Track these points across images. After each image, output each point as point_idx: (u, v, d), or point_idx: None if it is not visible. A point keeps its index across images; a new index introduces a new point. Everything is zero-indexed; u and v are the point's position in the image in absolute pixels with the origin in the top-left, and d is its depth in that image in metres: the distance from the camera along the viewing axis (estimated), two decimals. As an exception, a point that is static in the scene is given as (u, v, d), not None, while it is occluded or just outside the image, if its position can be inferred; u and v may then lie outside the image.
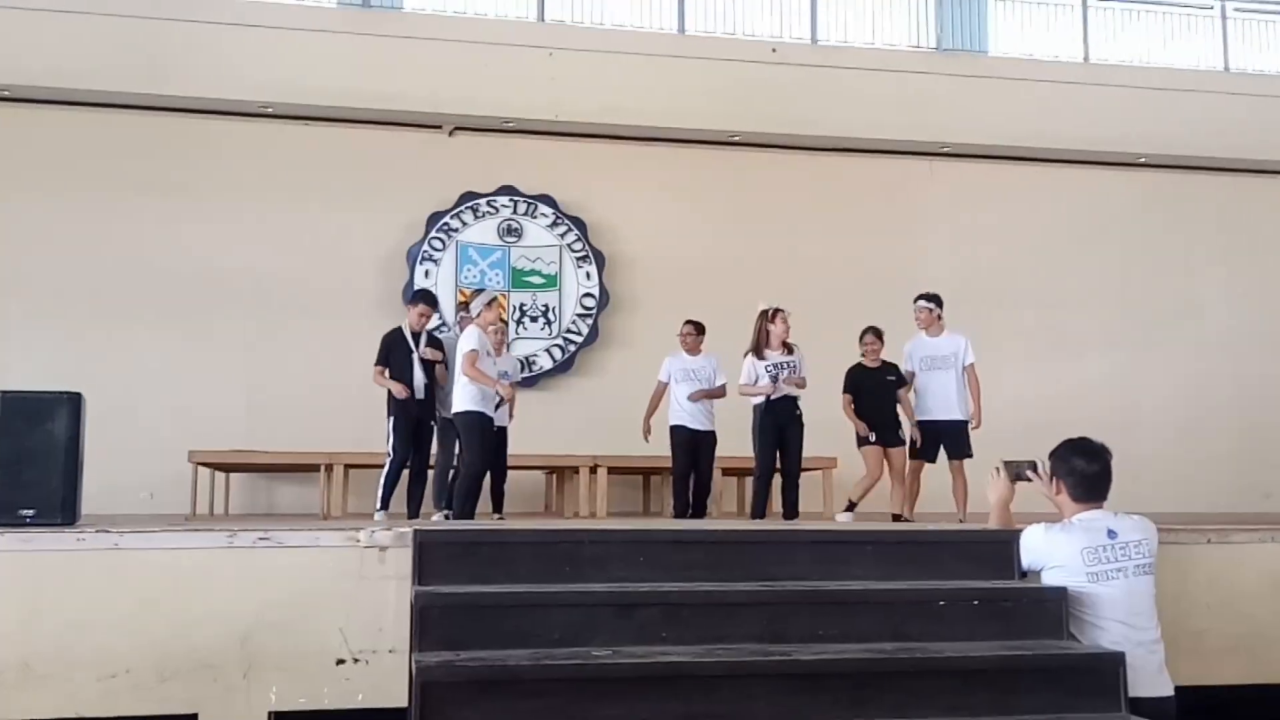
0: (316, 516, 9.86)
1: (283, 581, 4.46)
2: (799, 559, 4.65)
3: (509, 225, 11.97)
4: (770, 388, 8.10)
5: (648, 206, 12.17)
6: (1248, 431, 12.69)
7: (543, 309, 11.92)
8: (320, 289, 11.35)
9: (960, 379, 8.38)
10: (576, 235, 12.04)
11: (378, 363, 8.15)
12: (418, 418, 8.10)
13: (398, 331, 8.28)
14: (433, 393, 8.22)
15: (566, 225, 12.04)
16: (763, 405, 8.17)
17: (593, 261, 12.02)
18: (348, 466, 9.89)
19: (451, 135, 11.98)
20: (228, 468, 10.55)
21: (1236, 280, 13.29)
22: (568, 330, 11.94)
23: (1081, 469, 4.39)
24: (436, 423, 8.28)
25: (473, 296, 8.51)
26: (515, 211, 12.00)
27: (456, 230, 11.84)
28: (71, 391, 5.33)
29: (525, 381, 11.66)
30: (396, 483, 8.05)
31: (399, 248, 11.71)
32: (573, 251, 12.03)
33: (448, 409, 7.96)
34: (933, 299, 8.55)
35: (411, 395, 8.05)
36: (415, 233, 11.75)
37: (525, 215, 12.01)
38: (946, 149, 12.60)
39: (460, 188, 11.88)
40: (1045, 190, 12.94)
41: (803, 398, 8.27)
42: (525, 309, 11.90)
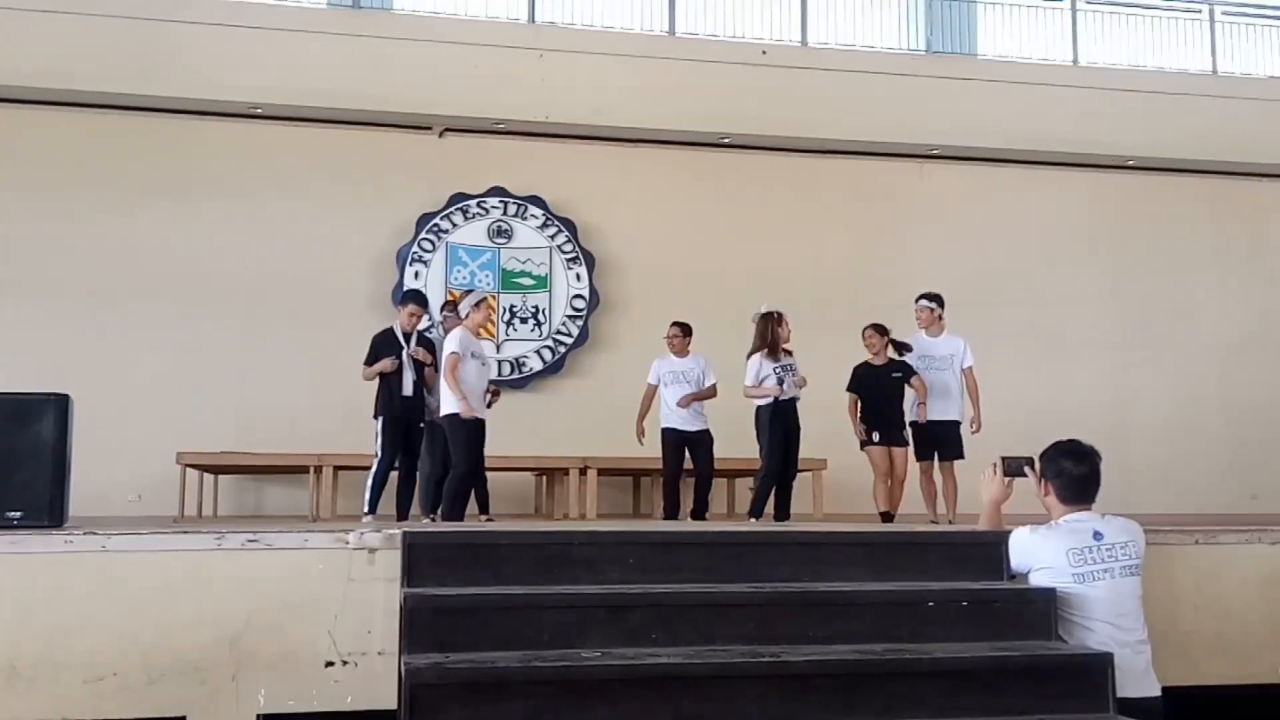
0: (305, 518, 9.85)
1: (271, 583, 4.46)
2: (789, 560, 4.66)
3: (499, 227, 11.97)
4: (778, 390, 8.10)
5: (638, 208, 12.18)
6: (1237, 434, 12.75)
7: (533, 310, 11.93)
8: (310, 290, 11.34)
9: (958, 381, 8.39)
10: (567, 236, 12.04)
11: (367, 363, 8.14)
12: (406, 419, 8.08)
13: (389, 332, 8.27)
14: (422, 394, 8.19)
15: (557, 226, 12.05)
16: (772, 407, 8.14)
17: (583, 263, 12.03)
18: (337, 468, 9.87)
19: (441, 136, 11.97)
20: (216, 469, 10.52)
21: (1227, 283, 13.35)
22: (558, 332, 11.94)
23: (1069, 471, 4.42)
24: (425, 425, 8.24)
25: (461, 297, 8.46)
26: (505, 213, 12.00)
27: (446, 231, 11.84)
28: (59, 393, 5.31)
29: (515, 383, 11.68)
30: (384, 485, 8.02)
31: (389, 249, 11.70)
32: (563, 253, 12.04)
33: (436, 412, 7.95)
34: (934, 299, 8.57)
35: (400, 391, 8.01)
36: (405, 234, 11.74)
37: (515, 217, 12.01)
38: (937, 151, 12.64)
39: (450, 189, 11.88)
40: (1036, 192, 12.98)
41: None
42: (515, 310, 11.90)
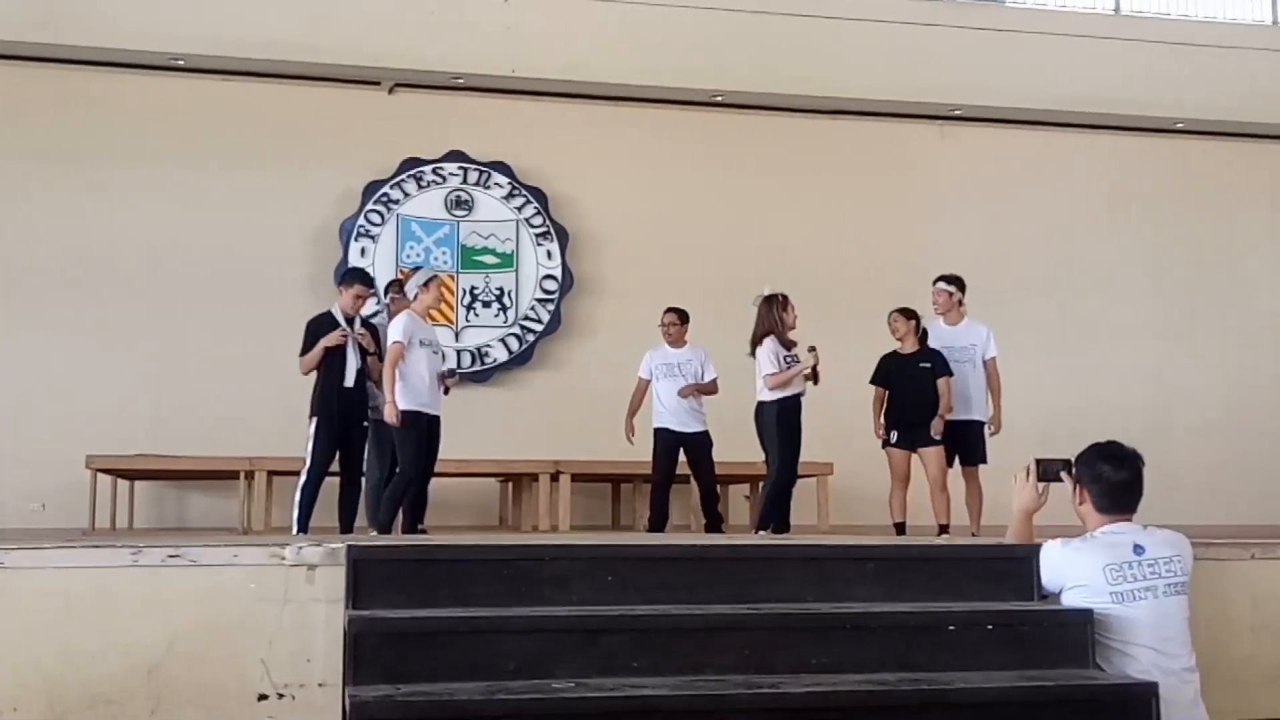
0: (234, 530, 9.83)
1: (195, 605, 4.43)
2: (789, 577, 4.67)
3: (458, 197, 11.95)
4: (806, 368, 8.06)
5: (617, 177, 12.18)
6: (1297, 434, 12.86)
7: (497, 293, 11.92)
8: (239, 270, 11.29)
9: (979, 375, 8.40)
10: (536, 209, 12.04)
11: (304, 353, 8.07)
12: (346, 418, 7.99)
13: (327, 316, 8.14)
14: (365, 387, 8.10)
15: (524, 197, 12.04)
16: (779, 403, 8.13)
17: (554, 239, 12.03)
18: (271, 473, 9.85)
19: (391, 93, 11.94)
20: (132, 475, 10.48)
21: (1285, 263, 13.46)
22: (526, 317, 11.94)
23: (1108, 476, 4.44)
24: (371, 424, 8.16)
25: (409, 276, 8.38)
26: (465, 181, 11.99)
27: (397, 202, 11.81)
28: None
29: (477, 376, 11.68)
30: (314, 499, 7.85)
31: (331, 222, 11.67)
32: (531, 227, 12.03)
33: (382, 408, 7.86)
34: (954, 281, 8.57)
35: (341, 383, 7.90)
36: (350, 205, 11.71)
37: (477, 185, 12.00)
38: (958, 112, 12.68)
39: (402, 154, 11.85)
40: (1070, 159, 13.04)
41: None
42: (477, 293, 11.89)
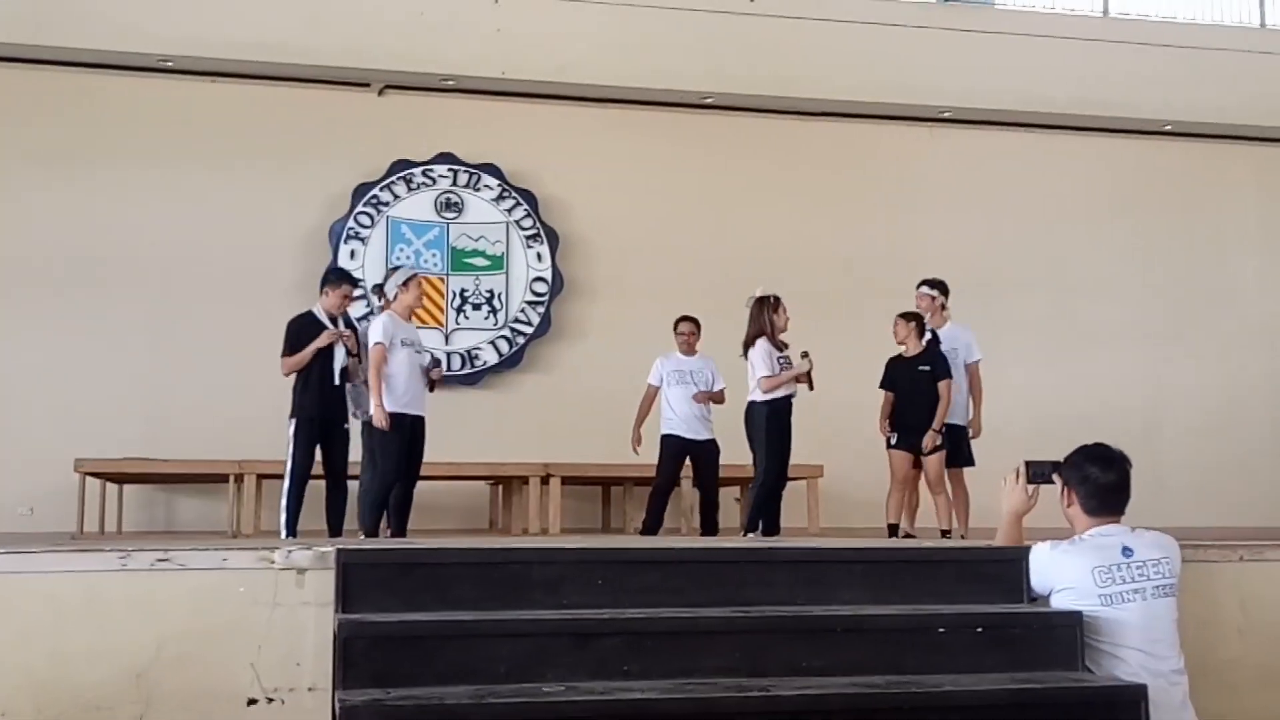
0: (224, 534, 9.82)
1: (184, 609, 4.42)
2: (779, 581, 4.67)
3: (448, 199, 11.94)
4: (803, 371, 8.10)
5: (608, 179, 12.18)
6: (1287, 435, 12.90)
7: (487, 295, 11.91)
8: (229, 272, 11.27)
9: (963, 378, 8.45)
10: (526, 211, 12.03)
11: (288, 354, 7.98)
12: (327, 417, 7.96)
13: (308, 316, 8.07)
14: (345, 389, 8.06)
15: (514, 199, 12.03)
16: (769, 405, 8.16)
17: (544, 241, 12.02)
18: (260, 477, 9.84)
19: (381, 95, 11.93)
20: (121, 478, 10.46)
21: (1275, 263, 13.49)
22: (516, 320, 11.93)
23: (1095, 478, 4.45)
24: (365, 425, 8.12)
25: (389, 275, 8.33)
26: (455, 183, 11.98)
27: (387, 204, 11.80)
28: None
29: (467, 378, 11.67)
30: (300, 501, 7.87)
31: (321, 224, 11.65)
32: (521, 229, 12.03)
33: (365, 409, 7.83)
34: (936, 285, 8.64)
35: (330, 381, 7.86)
36: (340, 207, 11.69)
37: (467, 187, 11.99)
38: (948, 114, 12.70)
39: (391, 155, 11.84)
40: (1058, 161, 13.06)
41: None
42: (467, 295, 11.88)
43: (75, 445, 9.97)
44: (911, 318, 8.43)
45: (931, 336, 8.45)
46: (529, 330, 11.94)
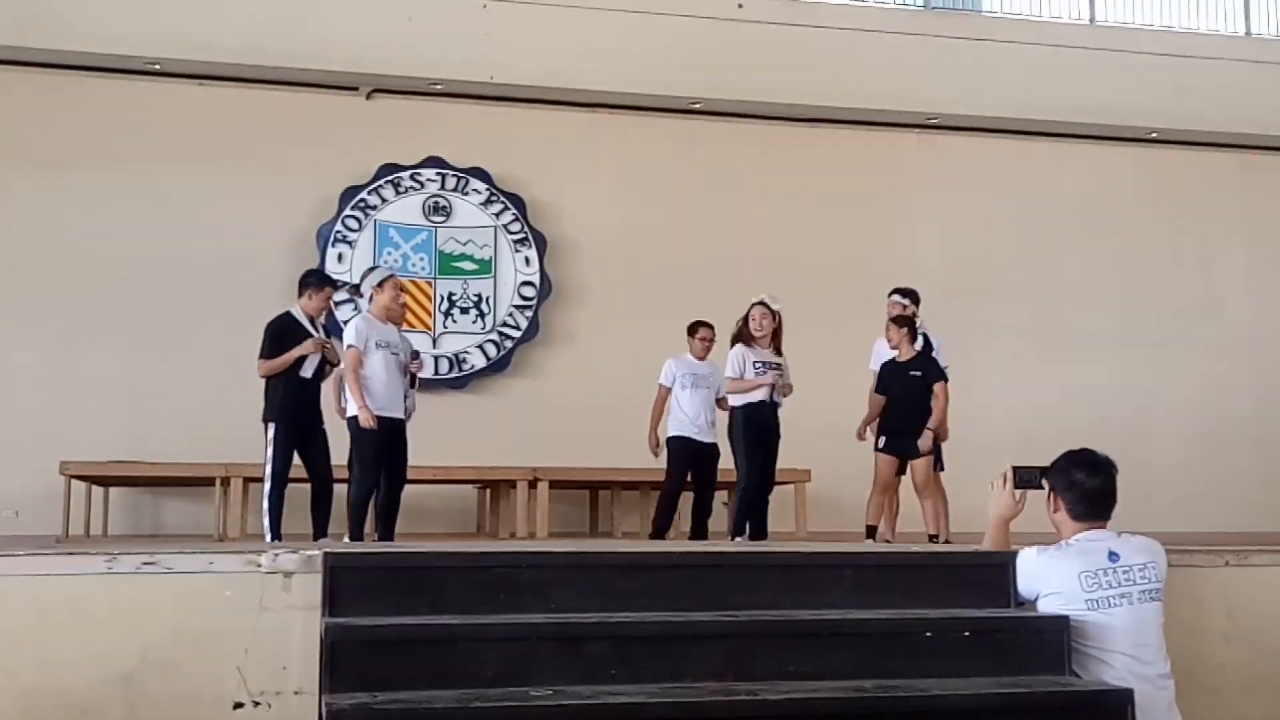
0: (210, 538, 9.78)
1: (170, 613, 4.41)
2: (767, 585, 4.67)
3: (436, 203, 11.94)
4: (768, 383, 8.11)
5: (596, 183, 12.18)
6: (1271, 441, 12.93)
7: (475, 299, 11.90)
8: (216, 275, 11.24)
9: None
10: (514, 215, 12.03)
11: (267, 356, 7.86)
12: (306, 420, 7.91)
13: (287, 318, 7.96)
14: (318, 388, 8.03)
15: (503, 203, 12.03)
16: (745, 408, 8.17)
17: (533, 245, 12.02)
18: (247, 480, 9.79)
19: (369, 99, 11.92)
20: (107, 481, 10.42)
21: (1260, 272, 13.55)
22: (504, 324, 11.93)
23: (1082, 484, 4.46)
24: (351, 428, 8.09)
25: (364, 277, 8.23)
26: (443, 187, 11.97)
27: (375, 208, 11.79)
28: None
29: (454, 383, 11.66)
30: (283, 504, 7.80)
31: (308, 228, 11.63)
32: (510, 233, 12.03)
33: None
34: (908, 294, 8.69)
35: (311, 382, 7.83)
36: (327, 210, 11.68)
37: (455, 191, 11.99)
38: (935, 120, 12.73)
39: (379, 159, 11.83)
40: (1046, 168, 13.11)
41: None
42: (455, 299, 11.87)
43: (61, 448, 9.92)
44: (903, 323, 8.43)
45: (925, 341, 8.45)
46: (517, 334, 11.93)
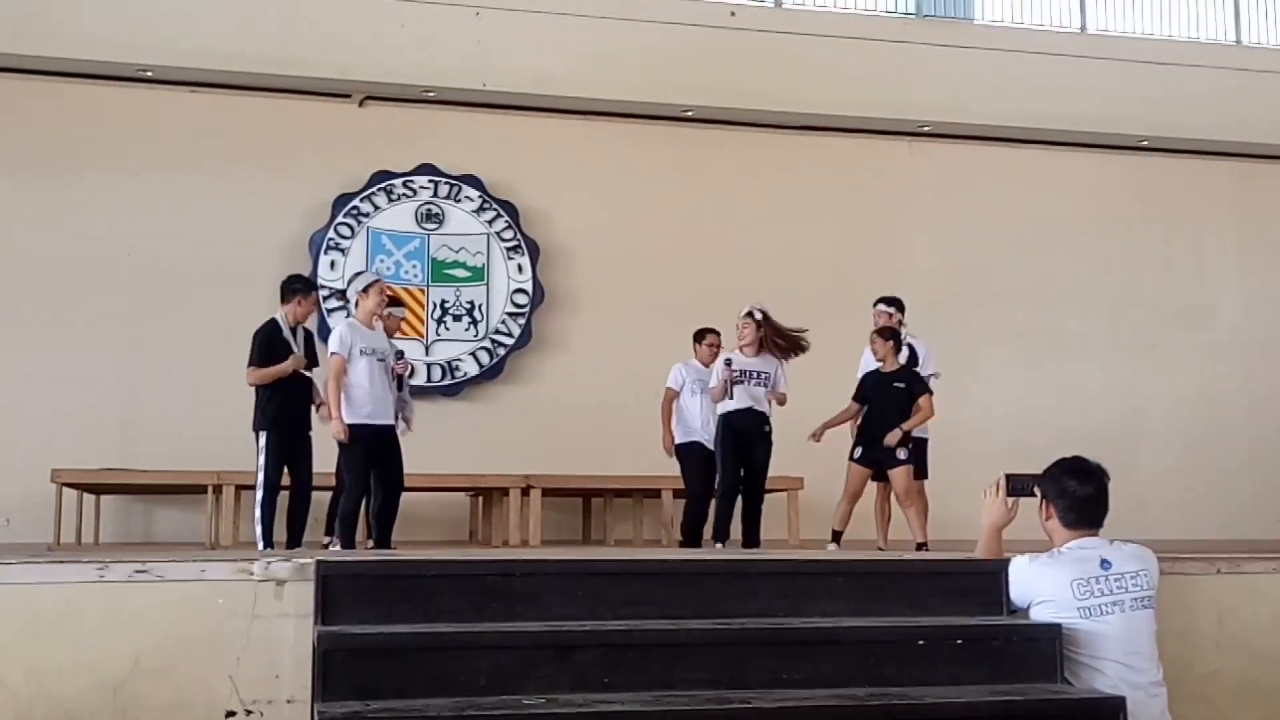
0: (202, 545, 9.75)
1: (162, 621, 4.40)
2: (760, 593, 4.68)
3: (429, 210, 11.93)
4: (719, 390, 8.12)
5: (589, 190, 12.18)
6: (1263, 447, 12.96)
7: (467, 307, 11.90)
8: (208, 282, 11.22)
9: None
10: (507, 222, 12.03)
11: (254, 362, 7.85)
12: (295, 428, 7.90)
13: (274, 325, 7.97)
14: (308, 397, 8.03)
15: (495, 210, 12.03)
16: (725, 415, 8.23)
17: (525, 252, 12.02)
18: (239, 487, 9.76)
19: (362, 106, 11.91)
20: (98, 489, 10.39)
21: (1251, 278, 13.57)
22: (496, 331, 11.92)
23: (1073, 491, 4.47)
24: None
25: (350, 282, 8.22)
26: (436, 194, 11.97)
27: (368, 215, 11.78)
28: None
29: (447, 390, 11.64)
30: (274, 512, 7.84)
31: (301, 234, 11.62)
32: (502, 241, 12.02)
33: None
34: (893, 303, 8.79)
35: (295, 392, 7.85)
36: (320, 217, 11.67)
37: (447, 199, 11.98)
38: (927, 128, 12.75)
39: (372, 166, 11.82)
40: (1038, 176, 13.13)
41: (774, 413, 8.33)
42: (447, 306, 11.86)
43: (52, 456, 9.89)
44: (889, 335, 8.49)
45: (910, 354, 8.49)
46: (509, 342, 11.93)
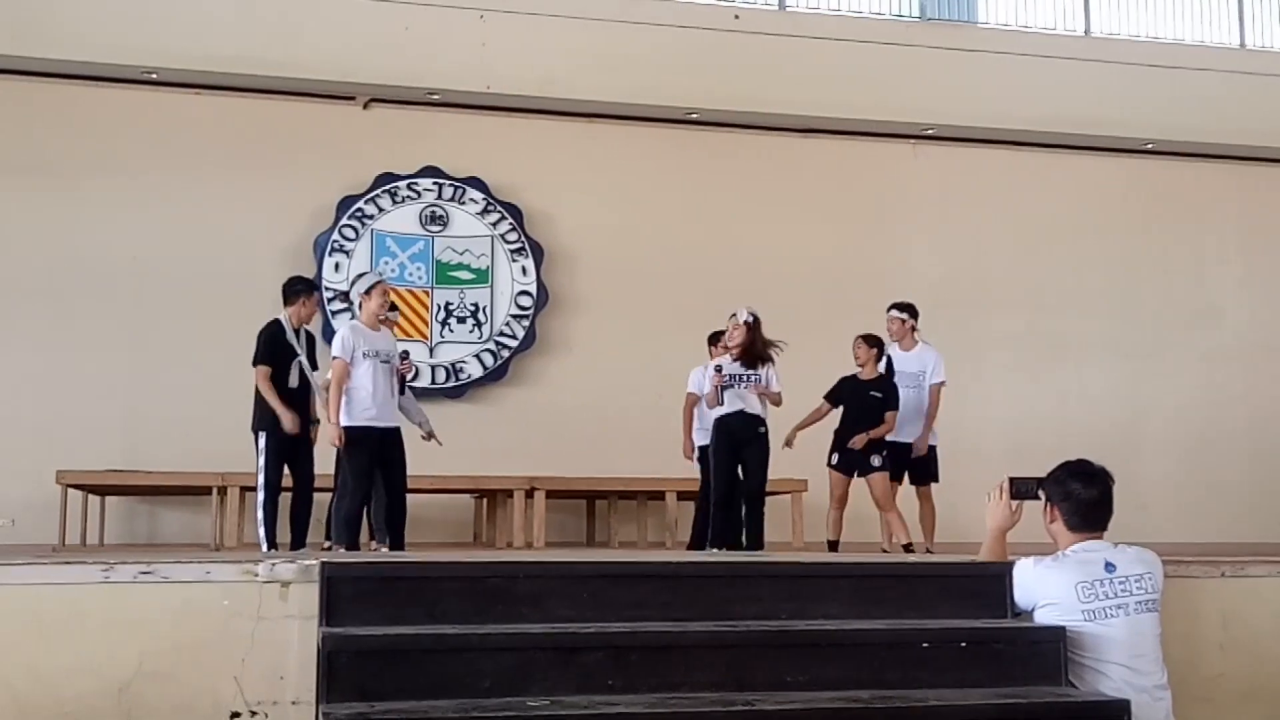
0: (207, 547, 9.77)
1: (167, 622, 4.40)
2: (764, 595, 4.68)
3: (433, 212, 11.94)
4: (710, 397, 8.07)
5: (593, 193, 12.18)
6: (1266, 451, 12.93)
7: (472, 309, 11.90)
8: (212, 284, 11.22)
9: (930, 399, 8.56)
10: (511, 224, 12.03)
11: (261, 361, 7.81)
12: (295, 432, 7.86)
13: (278, 326, 7.95)
14: (306, 397, 8.01)
15: (500, 213, 12.03)
16: (718, 420, 8.12)
17: (529, 254, 12.02)
18: (243, 489, 9.74)
19: (366, 108, 11.92)
20: (103, 490, 10.39)
21: (1254, 281, 13.56)
22: (501, 333, 11.92)
23: (1078, 494, 4.47)
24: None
25: (354, 283, 8.17)
26: (440, 196, 11.97)
27: (372, 217, 11.79)
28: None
29: (451, 392, 11.64)
30: (277, 513, 7.82)
31: (305, 237, 11.62)
32: (507, 243, 12.03)
33: (421, 421, 7.84)
34: (906, 309, 8.77)
35: (290, 397, 7.79)
36: (324, 220, 11.67)
37: (452, 201, 11.99)
38: (931, 131, 12.74)
39: (376, 168, 11.82)
40: (1041, 179, 13.12)
41: (770, 413, 8.32)
42: (451, 308, 11.87)
43: (57, 457, 9.91)
44: (873, 342, 8.50)
45: (888, 364, 8.51)
46: (514, 344, 11.92)
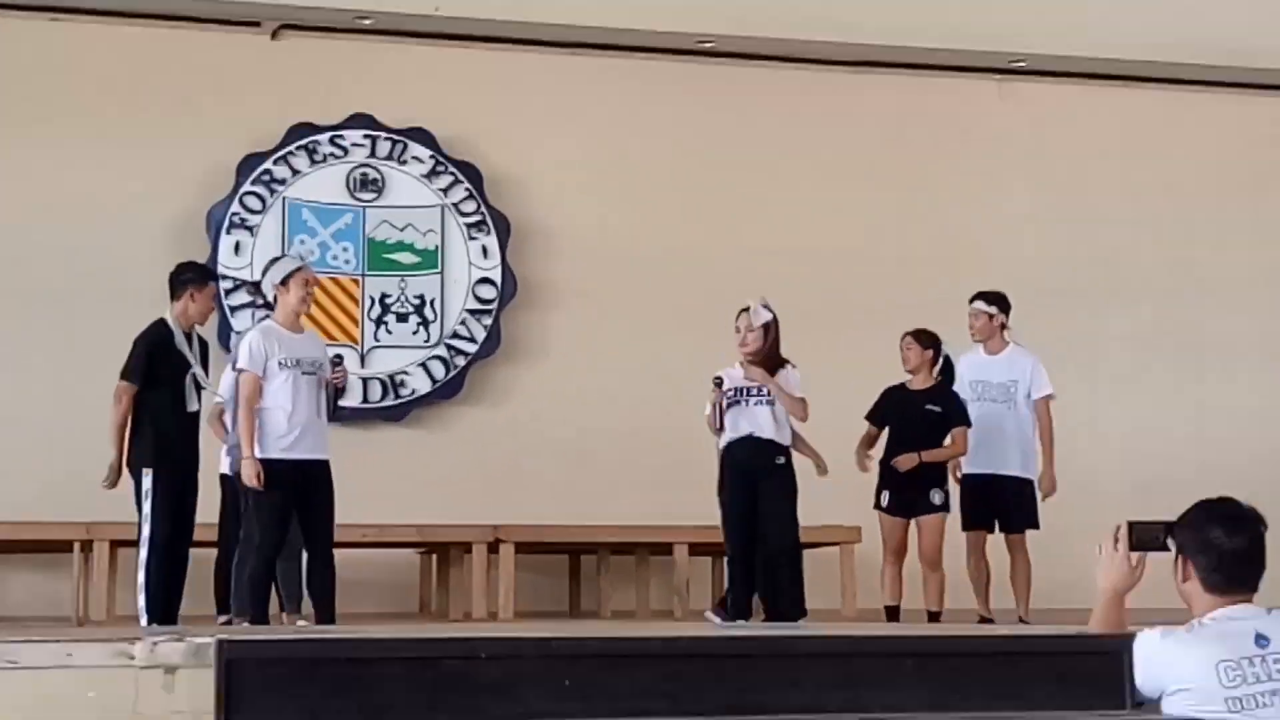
0: (68, 621, 9.78)
1: (16, 721, 4.44)
2: (807, 679, 4.69)
3: (364, 175, 11.97)
4: (709, 420, 8.09)
5: (576, 149, 12.21)
6: None
7: (416, 302, 11.92)
8: (72, 276, 11.25)
9: (1025, 418, 8.59)
10: (467, 191, 12.05)
11: (129, 377, 7.85)
12: (189, 465, 7.95)
13: (164, 330, 8.02)
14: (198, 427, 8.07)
15: (452, 175, 12.05)
16: (724, 449, 8.16)
17: (491, 230, 12.04)
18: (114, 543, 9.80)
19: (275, 37, 11.94)
20: (-72, 547, 10.44)
21: None
22: (454, 335, 11.94)
23: (1220, 544, 4.48)
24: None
25: (266, 270, 8.05)
26: (373, 154, 12.01)
27: (283, 182, 11.81)
28: None
29: (389, 413, 11.65)
30: (165, 578, 7.86)
31: (196, 209, 11.64)
32: (461, 215, 12.05)
33: (233, 459, 7.68)
34: (995, 300, 8.80)
35: (181, 422, 7.87)
36: (221, 186, 11.69)
37: (389, 160, 12.02)
38: (1022, 63, 12.77)
39: (289, 118, 11.85)
40: (1171, 126, 13.12)
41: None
42: (389, 302, 11.89)
43: None
44: (928, 341, 8.53)
45: (945, 368, 8.54)
46: (472, 349, 11.94)
